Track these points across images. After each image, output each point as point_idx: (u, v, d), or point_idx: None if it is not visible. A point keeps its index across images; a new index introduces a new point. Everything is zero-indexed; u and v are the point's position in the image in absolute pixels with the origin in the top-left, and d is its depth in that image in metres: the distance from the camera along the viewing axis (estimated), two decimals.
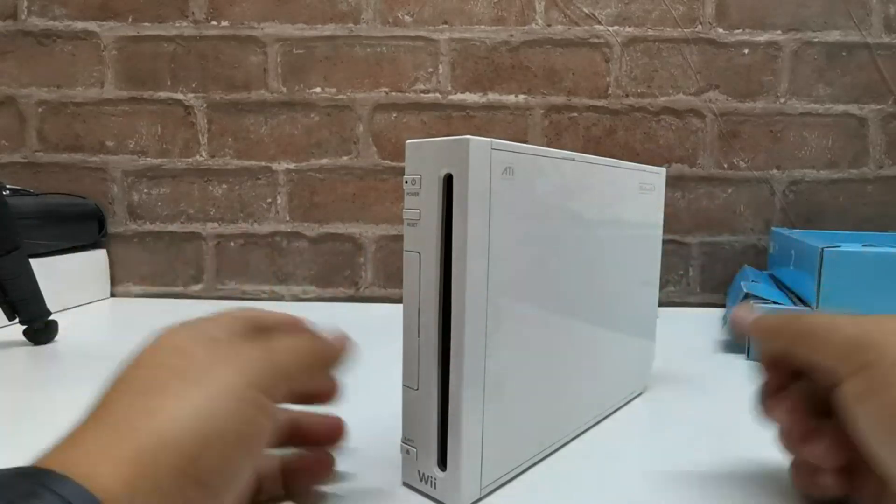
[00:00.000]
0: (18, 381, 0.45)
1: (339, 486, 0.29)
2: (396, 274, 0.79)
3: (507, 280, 0.28)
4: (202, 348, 0.21)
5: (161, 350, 0.22)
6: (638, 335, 0.43)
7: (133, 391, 0.20)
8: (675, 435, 0.37)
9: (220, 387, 0.20)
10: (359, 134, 0.78)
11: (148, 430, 0.18)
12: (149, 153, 0.78)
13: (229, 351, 0.22)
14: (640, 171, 0.40)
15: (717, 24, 0.75)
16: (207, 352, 0.21)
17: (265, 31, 0.76)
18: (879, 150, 0.77)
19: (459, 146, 0.25)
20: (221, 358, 0.21)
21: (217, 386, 0.20)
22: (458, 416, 0.26)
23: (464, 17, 0.76)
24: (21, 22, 0.76)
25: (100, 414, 0.19)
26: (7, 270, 0.52)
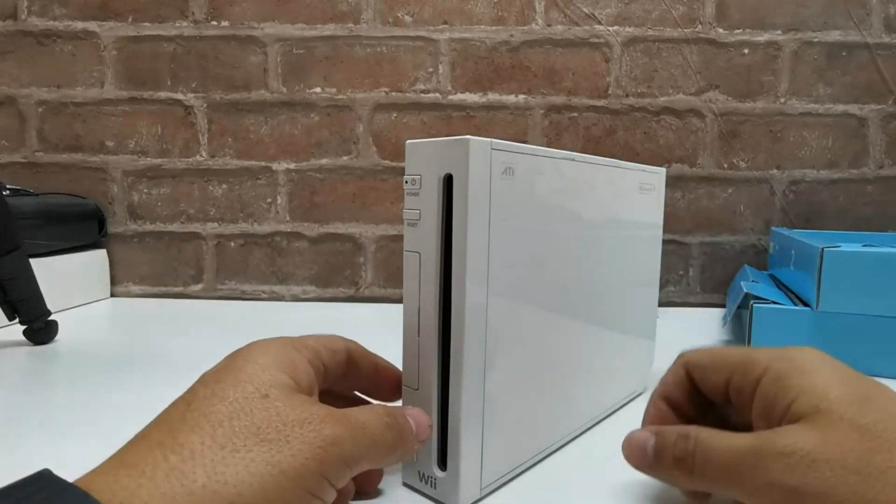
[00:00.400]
0: (18, 381, 0.45)
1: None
2: (396, 274, 0.79)
3: (507, 280, 0.28)
4: (286, 400, 0.21)
5: (247, 385, 0.21)
6: (638, 335, 0.43)
7: (206, 434, 0.19)
8: None
9: (293, 467, 0.19)
10: (359, 134, 0.78)
11: (208, 491, 0.17)
12: (149, 153, 0.78)
13: (314, 421, 0.20)
14: (640, 172, 0.40)
15: (717, 24, 0.75)
16: (291, 409, 0.20)
17: (265, 31, 0.76)
18: (879, 150, 0.77)
19: (459, 146, 0.25)
20: (302, 427, 0.20)
21: (290, 464, 0.19)
22: (458, 416, 0.26)
23: (464, 17, 0.76)
24: (21, 22, 0.76)
25: (165, 442, 0.18)
26: (7, 270, 0.52)
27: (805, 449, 0.20)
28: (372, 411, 0.23)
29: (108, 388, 0.42)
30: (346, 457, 0.21)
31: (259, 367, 0.22)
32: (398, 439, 0.24)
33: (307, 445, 0.20)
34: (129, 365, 0.48)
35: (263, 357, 0.22)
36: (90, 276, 0.76)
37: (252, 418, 0.20)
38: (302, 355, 0.24)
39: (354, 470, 0.22)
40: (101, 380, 0.44)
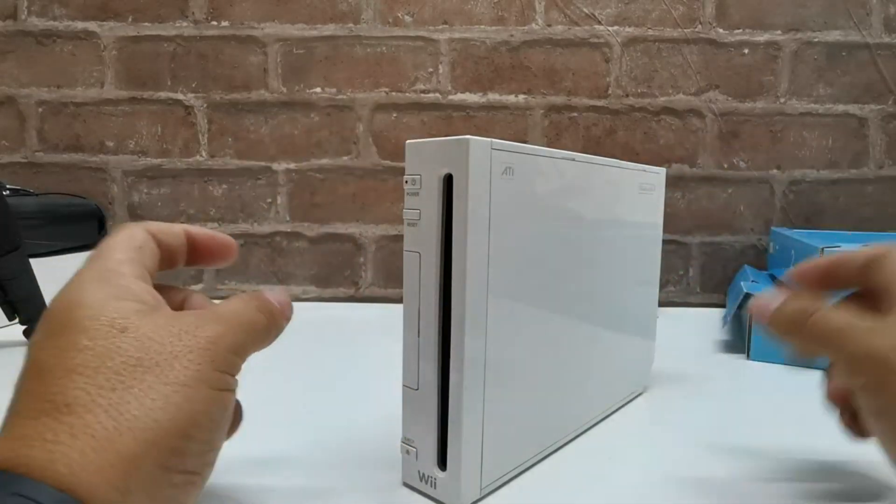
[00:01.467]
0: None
1: (340, 486, 0.29)
2: (396, 274, 0.79)
3: (507, 280, 0.28)
4: (147, 323, 0.20)
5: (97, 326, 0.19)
6: (638, 335, 0.43)
7: (87, 384, 0.18)
8: (674, 435, 0.37)
9: (190, 374, 0.19)
10: (359, 134, 0.78)
11: (121, 431, 0.17)
12: (149, 153, 0.78)
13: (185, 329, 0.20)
14: (640, 172, 0.40)
15: (717, 24, 0.75)
16: (158, 329, 0.20)
17: (265, 31, 0.76)
18: (879, 150, 0.77)
19: (459, 146, 0.25)
20: (180, 339, 0.20)
21: (187, 374, 0.19)
22: (458, 417, 0.26)
23: (464, 18, 0.76)
24: (21, 22, 0.76)
25: (49, 406, 0.17)
26: (7, 270, 0.52)
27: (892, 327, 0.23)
28: (240, 300, 0.24)
29: None
30: (232, 346, 0.21)
31: (95, 305, 0.20)
32: (270, 319, 0.24)
33: (194, 352, 0.20)
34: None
35: (92, 295, 0.20)
36: None
37: (124, 354, 0.19)
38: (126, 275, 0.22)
39: (244, 355, 0.22)
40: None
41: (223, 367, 0.21)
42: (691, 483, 0.30)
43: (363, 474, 0.30)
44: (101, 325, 0.19)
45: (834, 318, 0.25)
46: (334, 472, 0.31)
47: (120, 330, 0.19)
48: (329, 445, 0.33)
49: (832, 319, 0.25)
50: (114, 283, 0.21)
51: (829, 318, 0.25)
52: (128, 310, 0.20)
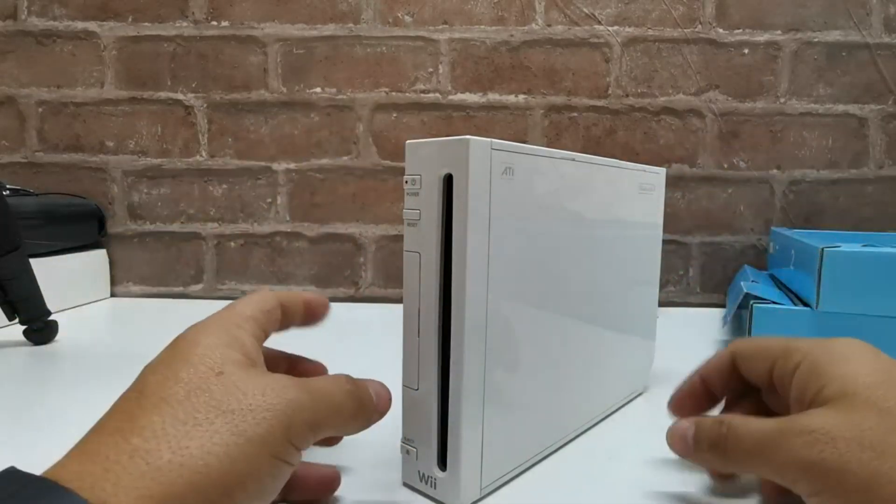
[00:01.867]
0: (18, 381, 0.45)
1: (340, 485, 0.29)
2: (396, 274, 0.79)
3: (507, 280, 0.28)
4: (242, 374, 0.21)
5: (199, 364, 0.21)
6: (638, 335, 0.43)
7: (167, 414, 0.19)
8: None
9: (258, 433, 0.19)
10: (359, 134, 0.78)
11: (174, 466, 0.17)
12: (149, 153, 0.78)
13: (273, 388, 0.21)
14: (641, 172, 0.40)
15: (717, 24, 0.75)
16: (249, 381, 0.20)
17: (265, 31, 0.76)
18: (879, 150, 0.77)
19: (459, 146, 0.25)
20: (264, 394, 0.20)
21: (254, 431, 0.19)
22: (458, 416, 0.26)
23: (464, 18, 0.76)
24: (21, 22, 0.76)
25: (125, 427, 0.18)
26: (7, 270, 0.52)
27: (824, 427, 0.21)
28: (333, 379, 0.24)
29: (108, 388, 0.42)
30: (310, 421, 0.21)
31: (207, 347, 0.21)
32: (359, 407, 0.24)
33: (270, 412, 0.20)
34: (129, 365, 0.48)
35: (208, 338, 0.22)
36: (90, 276, 0.76)
37: (211, 394, 0.20)
38: (244, 330, 0.23)
39: (318, 435, 0.22)
40: (101, 380, 0.44)
41: (292, 438, 0.20)
42: (691, 483, 0.30)
43: (363, 474, 0.30)
44: (203, 365, 0.21)
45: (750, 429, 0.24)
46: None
47: (216, 373, 0.20)
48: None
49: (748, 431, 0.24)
50: (231, 333, 0.23)
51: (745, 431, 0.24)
52: (231, 358, 0.21)
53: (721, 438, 0.24)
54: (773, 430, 0.23)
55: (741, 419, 0.25)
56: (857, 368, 0.23)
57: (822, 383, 0.23)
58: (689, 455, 0.26)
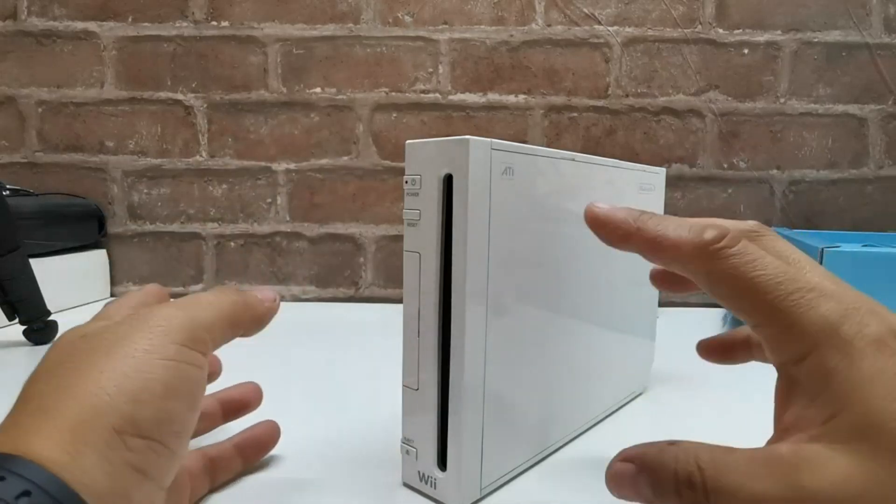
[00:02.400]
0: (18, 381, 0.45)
1: (340, 486, 0.29)
2: (396, 274, 0.79)
3: (507, 280, 0.28)
4: (112, 327, 0.21)
5: (68, 341, 0.21)
6: (638, 335, 0.43)
7: (52, 379, 0.20)
8: (675, 435, 0.37)
9: (140, 348, 0.20)
10: (359, 134, 0.78)
11: (77, 400, 0.18)
12: (149, 153, 0.78)
13: (141, 317, 0.22)
14: (640, 171, 0.40)
15: (717, 24, 0.75)
16: (119, 327, 0.21)
17: (265, 31, 0.76)
18: (879, 150, 0.77)
19: (459, 146, 0.25)
20: (135, 325, 0.21)
21: (136, 348, 0.20)
22: (458, 416, 0.26)
23: (464, 18, 0.76)
24: (21, 22, 0.76)
25: (23, 405, 0.19)
26: (7, 270, 0.52)
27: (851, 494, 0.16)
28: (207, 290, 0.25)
29: None
30: (189, 320, 0.22)
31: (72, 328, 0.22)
32: (238, 300, 0.25)
33: (145, 331, 0.21)
34: None
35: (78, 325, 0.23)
36: (90, 276, 0.76)
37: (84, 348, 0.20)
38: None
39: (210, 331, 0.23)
40: None
41: (180, 340, 0.21)
42: None
43: (363, 474, 0.30)
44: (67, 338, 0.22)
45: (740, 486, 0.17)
46: (334, 471, 0.31)
47: (82, 336, 0.21)
48: (329, 445, 0.33)
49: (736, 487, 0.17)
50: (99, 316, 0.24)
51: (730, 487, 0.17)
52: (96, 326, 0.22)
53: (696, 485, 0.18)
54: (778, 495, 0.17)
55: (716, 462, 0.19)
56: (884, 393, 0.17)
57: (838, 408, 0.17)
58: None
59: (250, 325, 0.25)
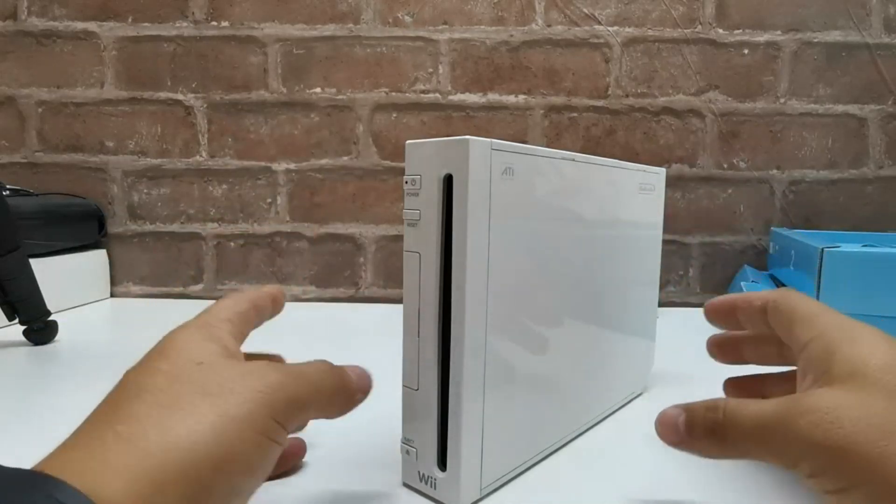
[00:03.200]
0: (18, 381, 0.45)
1: (340, 486, 0.29)
2: (396, 274, 0.79)
3: (507, 280, 0.28)
4: (222, 362, 0.21)
5: (178, 358, 0.21)
6: (638, 335, 0.43)
7: (149, 401, 0.19)
8: None
9: (242, 412, 0.19)
10: (359, 134, 0.78)
11: (162, 448, 0.17)
12: (149, 153, 0.78)
13: (252, 372, 0.21)
14: (640, 172, 0.40)
15: (717, 25, 0.75)
16: (229, 369, 0.21)
17: (265, 31, 0.76)
18: (879, 150, 0.77)
19: (459, 146, 0.25)
20: (244, 379, 0.21)
21: (238, 411, 0.19)
22: (458, 417, 0.26)
23: (464, 18, 0.76)
24: (21, 22, 0.76)
25: (110, 418, 0.19)
26: (7, 270, 0.52)
27: (830, 407, 0.21)
28: (311, 363, 0.24)
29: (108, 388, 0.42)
30: (292, 399, 0.22)
31: (185, 342, 0.22)
32: (339, 384, 0.25)
33: (252, 392, 0.20)
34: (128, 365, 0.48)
35: (186, 335, 0.23)
36: (90, 276, 0.76)
37: (192, 381, 0.20)
38: (221, 329, 0.24)
39: (303, 413, 0.23)
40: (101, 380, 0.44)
41: (276, 416, 0.21)
42: (691, 483, 0.30)
43: (363, 474, 0.30)
44: (181, 357, 0.21)
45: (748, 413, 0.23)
46: (334, 471, 0.31)
47: (196, 362, 0.21)
48: (329, 445, 0.33)
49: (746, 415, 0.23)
50: (208, 331, 0.23)
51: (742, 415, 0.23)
52: (210, 350, 0.22)
53: (717, 425, 0.23)
54: (775, 413, 0.22)
55: (736, 403, 0.24)
56: (870, 350, 0.22)
57: (831, 363, 0.23)
58: (681, 444, 0.25)
59: (337, 412, 0.25)
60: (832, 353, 0.23)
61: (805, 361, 0.24)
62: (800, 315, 0.26)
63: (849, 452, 0.20)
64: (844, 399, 0.21)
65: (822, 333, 0.24)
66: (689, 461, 0.32)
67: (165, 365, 0.21)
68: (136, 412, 0.19)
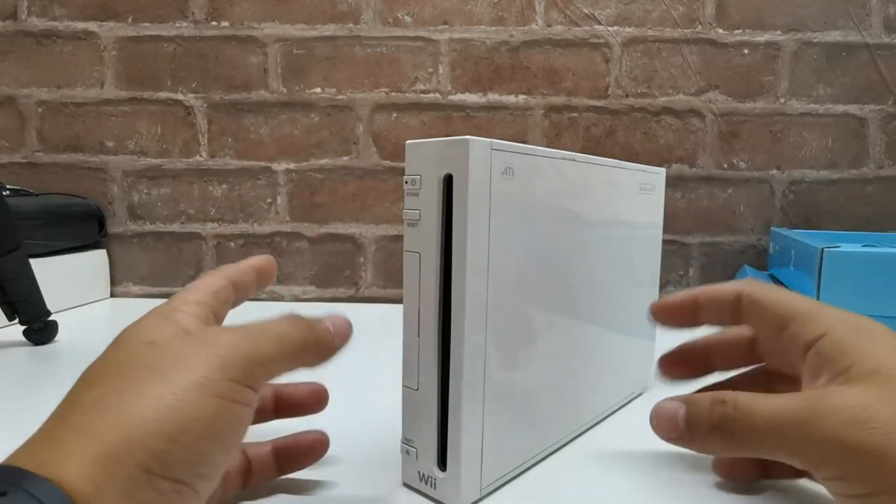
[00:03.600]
0: (18, 381, 0.45)
1: (340, 486, 0.29)
2: (396, 274, 0.79)
3: (507, 280, 0.28)
4: (175, 340, 0.21)
5: (131, 344, 0.21)
6: (638, 335, 0.43)
7: (101, 388, 0.19)
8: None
9: (194, 379, 0.19)
10: (359, 134, 0.78)
11: (114, 427, 0.17)
12: (149, 153, 0.78)
13: (205, 340, 0.21)
14: (640, 172, 0.40)
15: (717, 25, 0.75)
16: (181, 343, 0.20)
17: (265, 31, 0.76)
18: (879, 150, 0.77)
19: (459, 146, 0.25)
20: (196, 348, 0.20)
21: (190, 378, 0.19)
22: (458, 416, 0.26)
23: (464, 18, 0.76)
24: (21, 22, 0.76)
25: (65, 411, 0.19)
26: (7, 270, 0.52)
27: (862, 405, 0.20)
28: (275, 317, 0.23)
29: None
30: (250, 356, 0.21)
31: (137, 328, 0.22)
32: (307, 335, 0.24)
33: (205, 358, 0.20)
34: None
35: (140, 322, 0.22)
36: (90, 276, 0.76)
37: (142, 363, 0.20)
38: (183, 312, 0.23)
39: (266, 368, 0.22)
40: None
41: (234, 377, 0.20)
42: (691, 484, 0.30)
43: (363, 474, 0.30)
44: (132, 342, 0.21)
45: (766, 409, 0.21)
46: (334, 471, 0.31)
47: (147, 344, 0.20)
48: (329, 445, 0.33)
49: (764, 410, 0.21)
50: (164, 317, 0.22)
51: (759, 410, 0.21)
52: (162, 331, 0.21)
53: (727, 420, 0.22)
54: (798, 410, 0.21)
55: (749, 396, 0.22)
56: (888, 348, 0.22)
57: (852, 360, 0.22)
58: (680, 440, 0.24)
59: (315, 361, 0.24)
60: (848, 352, 0.22)
61: (816, 359, 0.23)
62: (794, 310, 0.25)
63: (884, 455, 0.19)
64: (874, 397, 0.20)
65: (831, 330, 0.23)
66: (689, 461, 0.33)
67: (116, 353, 0.21)
68: (87, 400, 0.19)
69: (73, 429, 0.18)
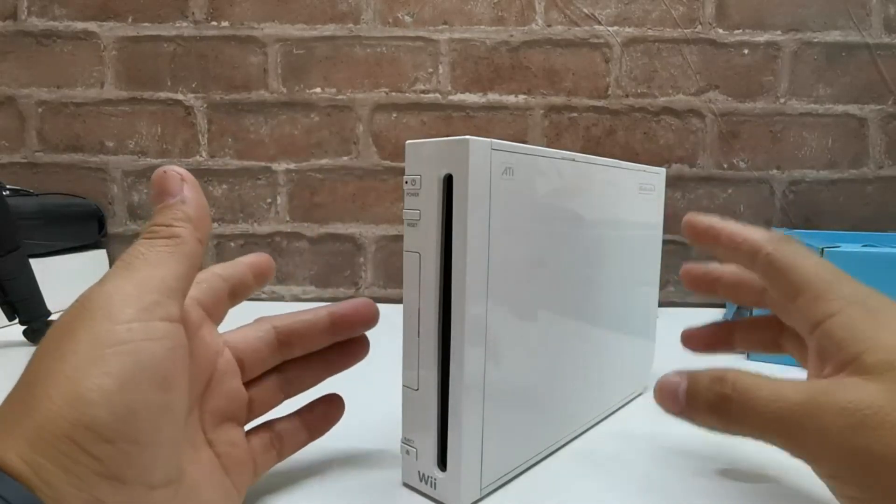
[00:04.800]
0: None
1: (340, 485, 0.29)
2: (396, 274, 0.79)
3: (507, 280, 0.28)
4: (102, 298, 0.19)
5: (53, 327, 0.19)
6: (638, 335, 0.43)
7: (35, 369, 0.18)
8: (674, 435, 0.37)
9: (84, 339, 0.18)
10: (359, 134, 0.78)
11: (35, 409, 0.17)
12: (149, 153, 0.78)
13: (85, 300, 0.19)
14: (640, 172, 0.40)
15: (717, 25, 0.75)
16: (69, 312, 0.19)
17: (265, 31, 0.76)
18: (879, 150, 0.77)
19: (459, 146, 0.25)
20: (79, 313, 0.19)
21: (80, 340, 0.18)
22: (458, 417, 0.26)
23: (464, 18, 0.76)
24: (21, 22, 0.76)
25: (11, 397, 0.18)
26: (7, 270, 0.52)
27: (873, 408, 0.18)
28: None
29: None
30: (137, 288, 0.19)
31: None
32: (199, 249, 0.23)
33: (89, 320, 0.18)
34: None
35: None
36: (90, 276, 0.75)
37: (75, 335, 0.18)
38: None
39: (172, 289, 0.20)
40: None
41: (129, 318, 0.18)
42: (691, 484, 0.30)
43: (363, 474, 0.30)
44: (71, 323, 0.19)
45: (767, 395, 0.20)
46: (334, 471, 0.31)
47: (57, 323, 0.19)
48: (329, 445, 0.33)
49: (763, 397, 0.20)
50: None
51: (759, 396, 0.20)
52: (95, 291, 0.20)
53: (723, 400, 0.21)
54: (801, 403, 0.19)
55: (750, 378, 0.21)
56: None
57: (863, 348, 0.20)
58: (680, 414, 0.23)
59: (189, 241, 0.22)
60: (861, 336, 0.20)
61: (823, 341, 0.22)
62: (808, 281, 0.23)
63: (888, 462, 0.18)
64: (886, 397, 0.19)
65: (841, 310, 0.21)
66: (690, 462, 0.33)
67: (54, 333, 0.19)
68: (24, 383, 0.18)
69: (13, 411, 0.17)
